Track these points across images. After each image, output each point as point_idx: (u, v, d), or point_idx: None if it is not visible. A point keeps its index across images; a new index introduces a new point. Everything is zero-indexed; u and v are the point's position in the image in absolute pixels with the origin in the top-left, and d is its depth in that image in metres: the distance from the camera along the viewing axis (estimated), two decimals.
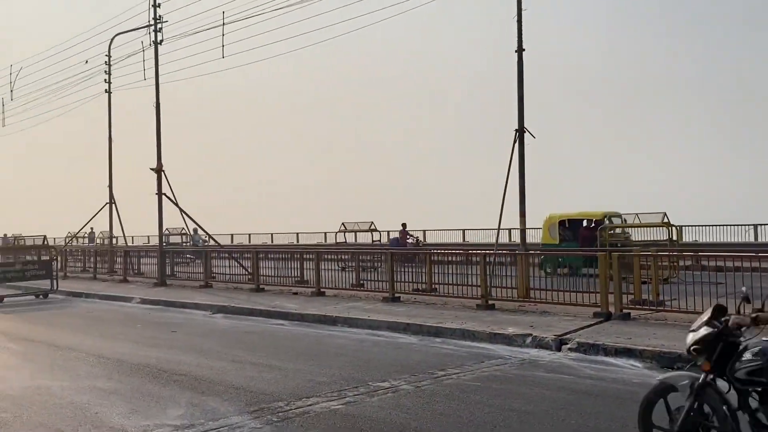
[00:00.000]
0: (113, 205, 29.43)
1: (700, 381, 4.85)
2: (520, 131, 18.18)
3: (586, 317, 12.21)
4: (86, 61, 30.83)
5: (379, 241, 33.65)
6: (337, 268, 19.14)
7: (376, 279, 17.57)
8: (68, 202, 75.68)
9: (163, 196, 23.56)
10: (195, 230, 30.07)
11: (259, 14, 24.65)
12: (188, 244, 33.48)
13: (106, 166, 29.18)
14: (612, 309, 12.23)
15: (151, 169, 23.60)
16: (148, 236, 41.35)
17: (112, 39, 29.28)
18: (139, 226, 41.33)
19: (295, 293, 18.16)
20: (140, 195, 30.77)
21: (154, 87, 24.02)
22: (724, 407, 4.72)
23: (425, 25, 79.87)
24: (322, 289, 17.66)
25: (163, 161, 23.52)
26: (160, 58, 24.30)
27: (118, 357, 10.58)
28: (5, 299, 19.83)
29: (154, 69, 24.20)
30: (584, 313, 12.49)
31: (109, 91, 29.68)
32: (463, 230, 35.68)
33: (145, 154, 26.65)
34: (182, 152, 72.07)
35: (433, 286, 16.04)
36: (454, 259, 17.38)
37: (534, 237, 25.64)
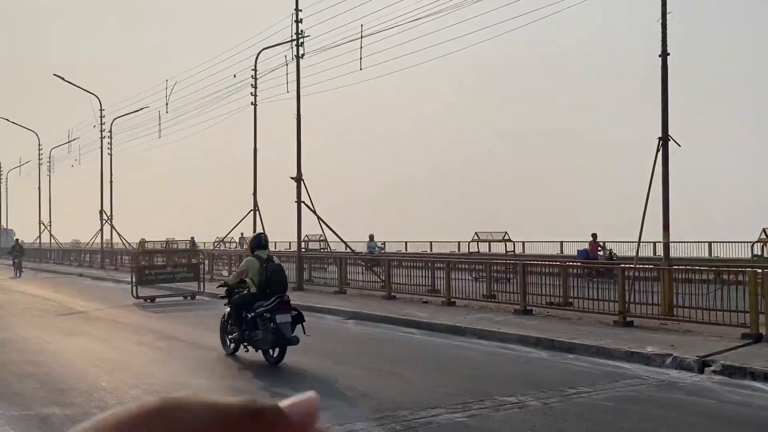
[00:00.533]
0: (257, 212, 30.70)
1: (229, 310, 10.89)
2: (664, 139, 17.29)
3: (733, 338, 11.41)
4: (234, 75, 32.44)
5: (513, 251, 33.06)
6: (468, 278, 18.99)
7: (508, 290, 17.28)
8: (216, 208, 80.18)
9: (302, 204, 24.38)
10: (371, 237, 30.50)
11: (396, 26, 25.04)
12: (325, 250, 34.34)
13: (250, 175, 30.50)
14: (762, 330, 11.35)
15: (292, 178, 24.47)
16: (290, 242, 42.88)
17: (258, 54, 30.61)
18: (279, 232, 42.98)
19: (426, 302, 18.19)
20: (280, 202, 31.90)
21: (295, 99, 24.95)
22: (235, 322, 10.70)
23: (562, 28, 78.15)
24: (452, 299, 17.57)
25: (302, 170, 24.35)
26: (301, 71, 25.23)
27: (254, 359, 11.00)
28: (157, 299, 21.23)
29: (295, 82, 25.16)
30: (731, 333, 11.67)
31: (255, 104, 31.02)
32: (603, 242, 34.22)
33: (285, 163, 27.72)
34: (320, 160, 74.46)
35: (569, 300, 15.55)
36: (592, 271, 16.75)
37: (692, 251, 23.94)
